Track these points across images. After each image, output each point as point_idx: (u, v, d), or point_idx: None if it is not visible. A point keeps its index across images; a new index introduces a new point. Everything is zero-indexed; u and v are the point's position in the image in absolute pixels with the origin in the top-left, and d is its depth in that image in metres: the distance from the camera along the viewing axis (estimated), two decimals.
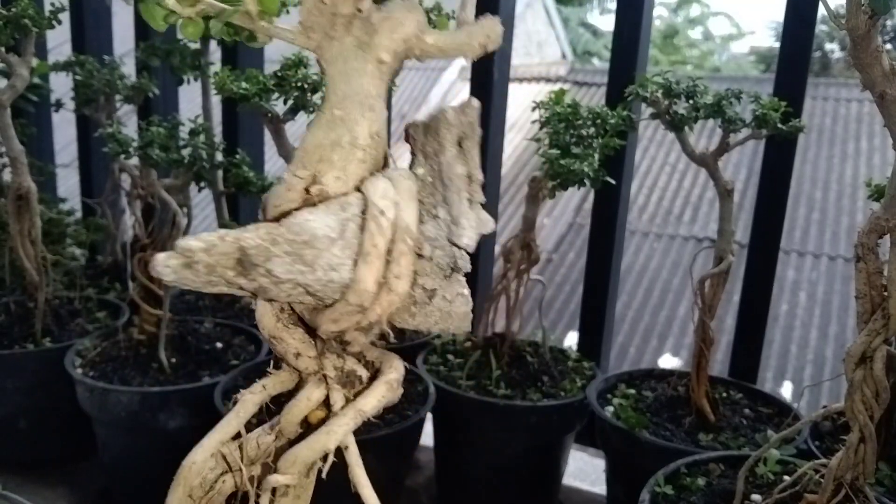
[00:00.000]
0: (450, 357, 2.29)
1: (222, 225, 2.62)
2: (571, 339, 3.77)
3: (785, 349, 6.50)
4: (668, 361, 6.32)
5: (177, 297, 2.62)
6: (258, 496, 0.80)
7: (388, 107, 0.89)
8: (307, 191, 0.74)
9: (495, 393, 2.11)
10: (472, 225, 0.75)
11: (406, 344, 2.40)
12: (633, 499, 1.63)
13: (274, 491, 0.80)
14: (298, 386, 0.82)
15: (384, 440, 1.88)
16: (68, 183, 3.20)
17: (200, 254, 0.69)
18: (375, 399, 0.79)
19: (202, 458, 0.80)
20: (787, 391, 5.88)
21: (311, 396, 0.80)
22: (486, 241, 2.54)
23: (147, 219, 2.22)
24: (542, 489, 2.21)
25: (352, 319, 0.74)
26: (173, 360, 2.15)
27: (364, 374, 0.81)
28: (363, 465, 0.79)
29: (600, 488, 2.27)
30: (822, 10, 2.02)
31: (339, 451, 0.80)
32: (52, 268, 2.35)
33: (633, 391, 2.14)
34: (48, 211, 2.58)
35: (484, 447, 2.15)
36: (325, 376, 0.79)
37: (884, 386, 1.35)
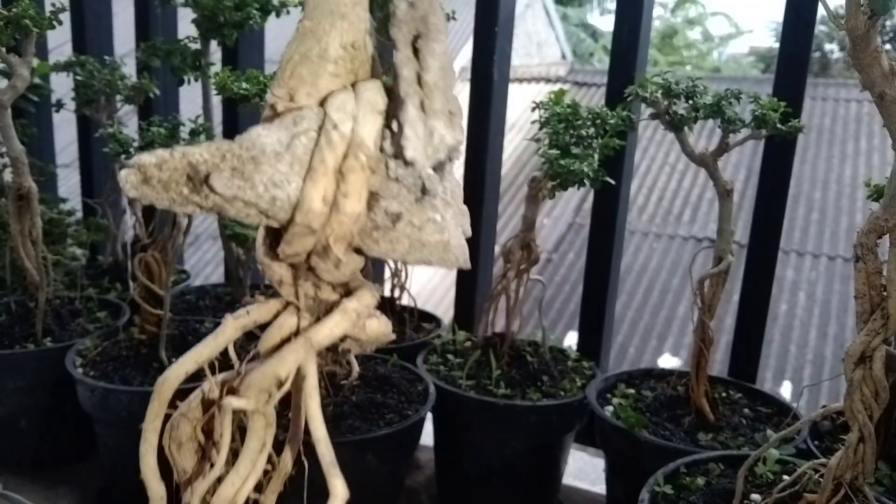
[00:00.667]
0: (450, 357, 2.29)
1: (222, 224, 2.62)
2: (571, 339, 3.78)
3: (784, 349, 6.51)
4: (667, 361, 6.33)
5: (177, 297, 2.62)
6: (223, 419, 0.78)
7: None
8: (273, 108, 0.70)
9: (495, 392, 2.11)
10: (419, 135, 0.67)
11: (406, 344, 2.41)
12: (632, 498, 1.63)
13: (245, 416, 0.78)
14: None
15: (384, 439, 1.88)
16: (69, 183, 3.21)
17: (153, 169, 0.67)
18: (328, 328, 0.73)
19: (175, 375, 0.76)
20: (786, 391, 5.89)
21: (283, 324, 0.76)
22: (486, 241, 2.54)
23: (148, 219, 2.22)
24: (541, 488, 2.21)
25: (304, 242, 0.69)
26: (174, 359, 2.14)
27: (334, 302, 0.76)
28: (317, 397, 0.75)
29: (600, 488, 2.27)
30: (821, 11, 2.03)
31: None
32: (53, 268, 2.35)
33: (632, 391, 2.14)
34: (49, 211, 2.58)
35: (484, 447, 2.15)
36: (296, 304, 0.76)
37: (883, 386, 1.35)
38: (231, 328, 0.77)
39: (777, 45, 2.20)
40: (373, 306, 0.76)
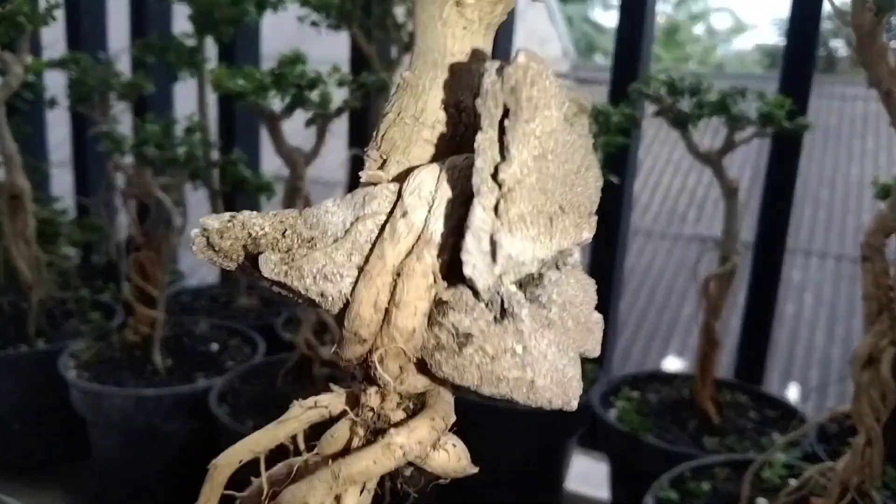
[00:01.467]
0: None
1: None
2: None
3: (790, 351, 6.48)
4: (672, 363, 6.31)
5: (172, 297, 2.60)
6: None
7: None
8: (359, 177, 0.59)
9: None
10: (483, 248, 0.52)
11: None
12: None
13: None
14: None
15: None
16: (62, 181, 3.19)
17: (215, 236, 0.58)
18: (362, 464, 0.59)
19: (228, 463, 0.66)
20: (792, 393, 5.87)
21: (336, 433, 0.63)
22: None
23: (142, 218, 2.20)
24: (544, 494, 2.19)
25: (354, 350, 0.57)
26: (168, 361, 2.13)
27: (397, 420, 0.61)
28: None
29: (604, 493, 2.24)
30: (827, 6, 2.01)
31: None
32: (46, 268, 2.33)
33: (636, 394, 2.12)
34: (42, 210, 2.56)
35: (484, 451, 2.11)
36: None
37: (891, 388, 1.35)
38: (296, 420, 0.65)
39: (783, 41, 2.19)
40: (433, 440, 0.61)
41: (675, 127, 1.93)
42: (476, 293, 0.54)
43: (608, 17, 21.52)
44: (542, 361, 0.55)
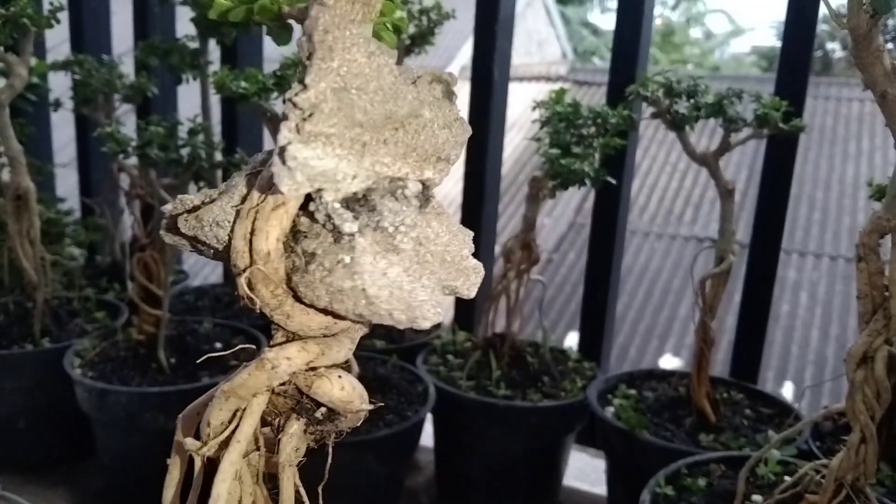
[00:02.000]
0: (450, 357, 2.28)
1: None
2: (572, 340, 3.77)
3: (786, 349, 6.49)
4: (668, 362, 6.32)
5: (176, 297, 2.62)
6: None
7: None
8: None
9: (495, 393, 2.10)
10: (281, 163, 0.57)
11: (406, 344, 2.39)
12: (633, 499, 1.62)
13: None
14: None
15: (384, 441, 1.87)
16: (67, 182, 3.20)
17: (168, 217, 0.66)
18: (240, 378, 0.65)
19: (188, 415, 0.73)
20: (788, 392, 5.87)
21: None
22: (486, 241, 2.53)
23: (146, 219, 2.21)
24: (542, 490, 2.20)
25: (242, 288, 0.62)
26: (172, 360, 2.14)
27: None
28: (236, 453, 0.67)
29: (601, 489, 2.26)
30: (823, 9, 2.02)
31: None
32: (51, 268, 2.35)
33: (633, 392, 2.13)
34: (47, 211, 2.57)
35: (484, 448, 2.14)
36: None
37: (885, 386, 1.35)
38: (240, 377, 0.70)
39: (779, 44, 2.20)
40: (304, 360, 0.65)
41: (672, 128, 1.94)
42: (311, 214, 0.60)
43: (606, 20, 21.53)
44: (379, 276, 0.60)
